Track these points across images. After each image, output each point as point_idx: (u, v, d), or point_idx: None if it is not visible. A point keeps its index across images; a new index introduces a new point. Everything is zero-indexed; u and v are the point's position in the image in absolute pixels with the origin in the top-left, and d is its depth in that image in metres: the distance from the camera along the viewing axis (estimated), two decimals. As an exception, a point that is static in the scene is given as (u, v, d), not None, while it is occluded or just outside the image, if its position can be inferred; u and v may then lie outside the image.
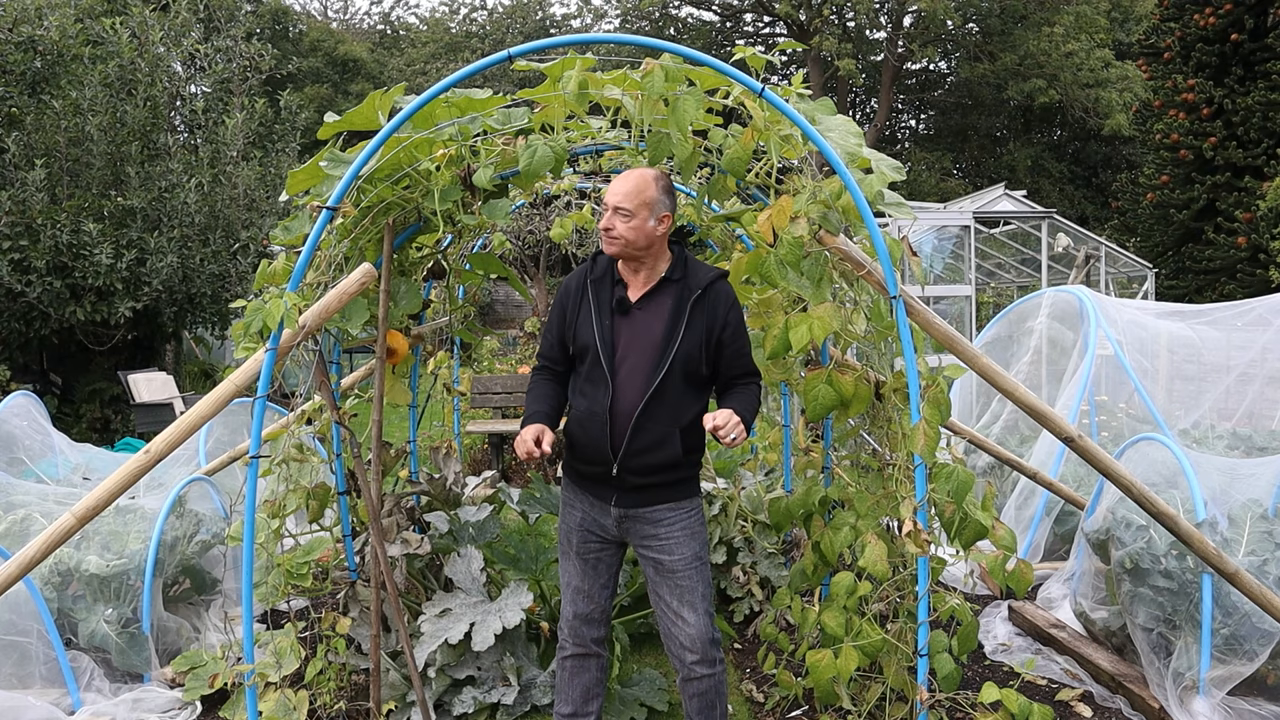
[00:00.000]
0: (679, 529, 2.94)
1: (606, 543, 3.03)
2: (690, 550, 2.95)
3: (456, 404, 7.66)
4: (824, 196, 2.89)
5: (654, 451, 2.85)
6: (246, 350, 3.08)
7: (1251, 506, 3.82)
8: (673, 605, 2.96)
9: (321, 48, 29.33)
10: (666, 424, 2.86)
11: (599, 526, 3.01)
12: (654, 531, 2.94)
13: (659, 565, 2.95)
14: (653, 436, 2.85)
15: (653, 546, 2.95)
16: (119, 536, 4.15)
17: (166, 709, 3.82)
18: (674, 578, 2.94)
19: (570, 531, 3.06)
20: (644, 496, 2.92)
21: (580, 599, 3.06)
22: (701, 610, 2.94)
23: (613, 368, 2.88)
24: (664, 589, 2.97)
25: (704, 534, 3.02)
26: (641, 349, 2.88)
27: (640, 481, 2.89)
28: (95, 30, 9.77)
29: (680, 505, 2.96)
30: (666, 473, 2.90)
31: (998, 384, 3.16)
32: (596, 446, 2.89)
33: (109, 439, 9.54)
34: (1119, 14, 27.15)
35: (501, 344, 15.01)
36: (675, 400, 2.87)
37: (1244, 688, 3.52)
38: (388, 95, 3.20)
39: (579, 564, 3.05)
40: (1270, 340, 6.35)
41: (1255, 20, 17.32)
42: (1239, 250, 17.00)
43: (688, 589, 2.94)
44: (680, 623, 2.95)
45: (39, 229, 8.71)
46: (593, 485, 2.99)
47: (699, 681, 2.96)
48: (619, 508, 2.94)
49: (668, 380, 2.85)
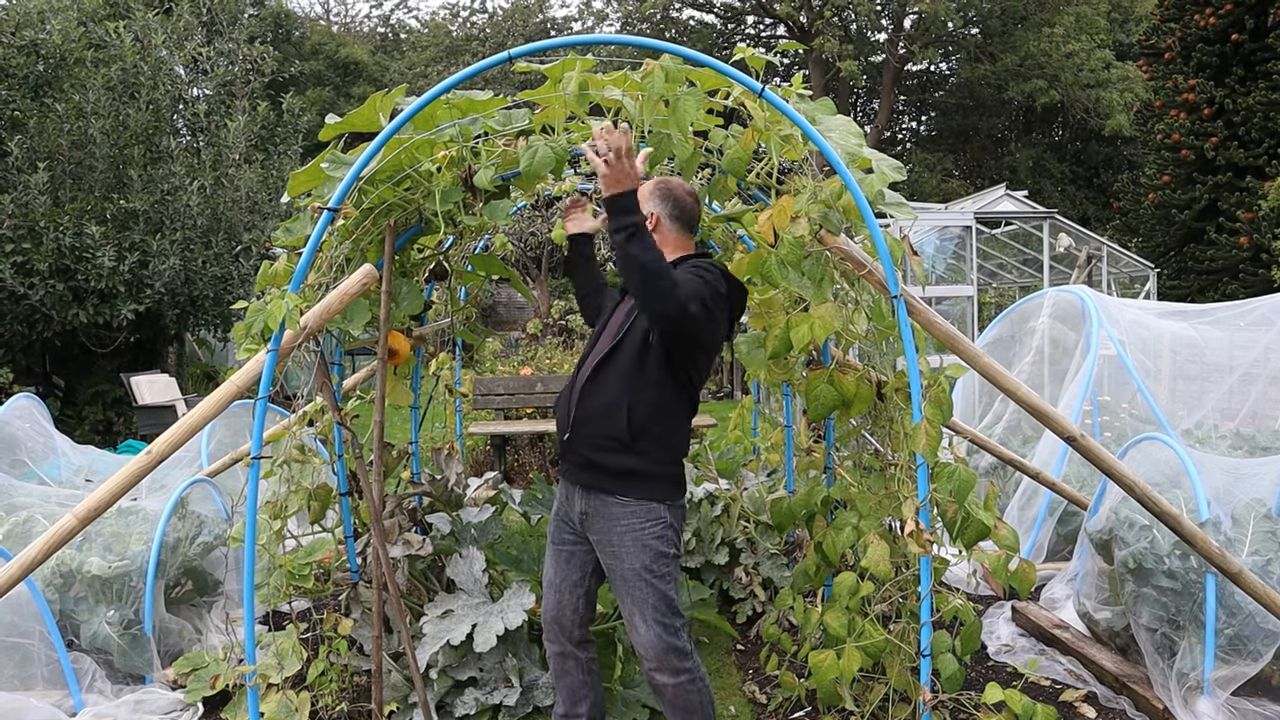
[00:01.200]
0: (629, 537, 2.88)
1: (579, 538, 3.05)
2: (638, 561, 2.87)
3: (459, 405, 7.66)
4: (825, 196, 2.88)
5: (601, 420, 2.88)
6: (248, 352, 3.08)
7: (1255, 506, 3.82)
8: (625, 610, 2.96)
9: (323, 51, 29.39)
10: (616, 393, 2.87)
11: (568, 516, 3.06)
12: (606, 533, 2.92)
13: (610, 569, 2.96)
14: (600, 402, 2.89)
15: (604, 548, 2.95)
16: (121, 538, 4.15)
17: (168, 710, 3.82)
18: (625, 585, 2.92)
19: (553, 520, 3.15)
20: (592, 477, 2.93)
21: (551, 593, 3.10)
22: (651, 620, 2.88)
23: (595, 342, 3.04)
24: (618, 593, 2.97)
25: (660, 548, 2.90)
26: (611, 326, 3.04)
27: (588, 455, 2.92)
28: (98, 34, 9.79)
29: (629, 505, 2.88)
30: (613, 453, 2.87)
31: (999, 383, 3.15)
32: (562, 410, 3.02)
33: (111, 441, 9.55)
34: (1119, 15, 27.14)
35: (504, 345, 15.02)
36: (629, 371, 2.88)
37: (1248, 688, 3.52)
38: (389, 97, 3.20)
39: (553, 555, 3.11)
40: (1273, 340, 6.34)
41: (1256, 20, 17.30)
42: (1241, 250, 16.98)
43: (638, 599, 2.89)
44: (633, 630, 2.94)
45: (42, 232, 8.73)
46: (562, 463, 3.09)
47: (661, 690, 2.95)
48: (580, 490, 2.98)
49: (620, 349, 2.91)
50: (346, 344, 3.74)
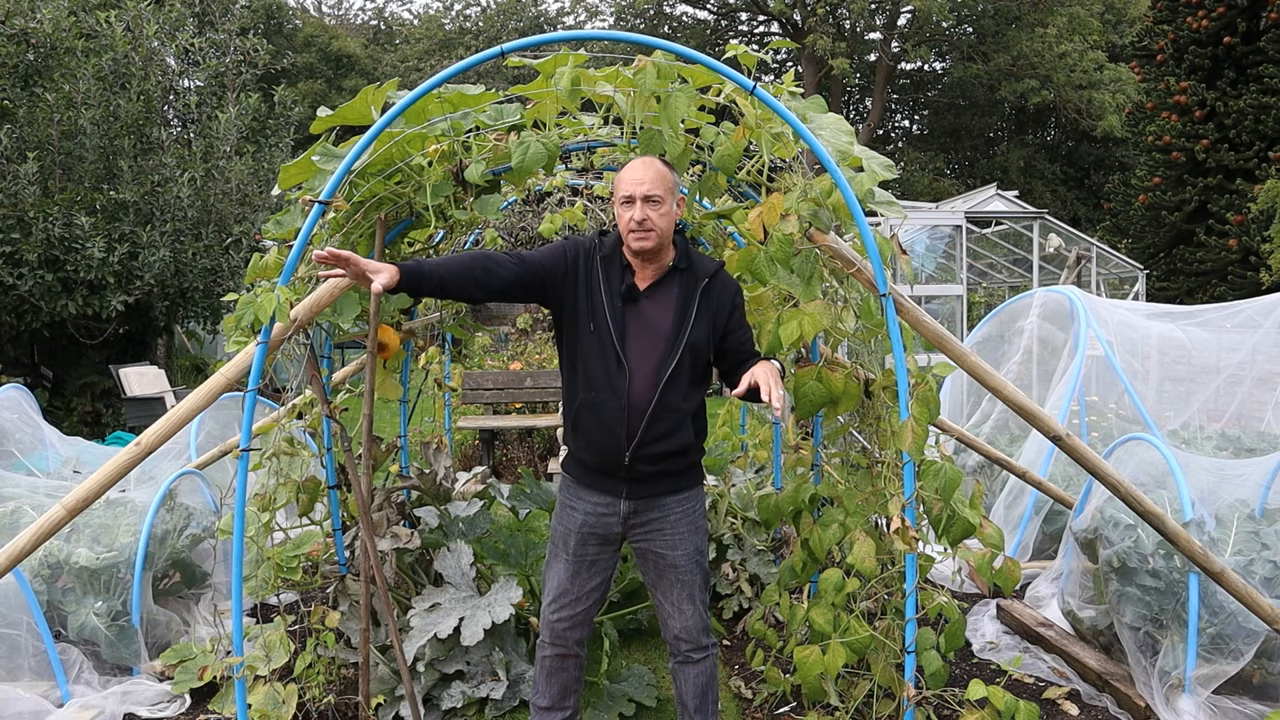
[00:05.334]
0: (684, 524, 2.97)
1: (606, 544, 2.99)
2: (693, 545, 2.99)
3: (448, 399, 7.68)
4: (815, 194, 2.89)
5: (668, 438, 2.85)
6: (238, 344, 3.08)
7: (1238, 507, 3.85)
8: (672, 598, 3.00)
9: (315, 43, 29.28)
10: (679, 411, 2.85)
11: (602, 526, 2.96)
12: (660, 526, 2.95)
13: (662, 559, 2.97)
14: (668, 424, 2.84)
15: (657, 541, 2.96)
16: (109, 529, 4.14)
17: (155, 702, 3.82)
18: (676, 573, 2.97)
19: (568, 534, 2.99)
20: (654, 486, 2.92)
21: (568, 602, 3.01)
22: (698, 600, 3.02)
23: (626, 353, 2.83)
24: (665, 582, 3.00)
25: (705, 526, 3.07)
26: (651, 338, 2.85)
27: (652, 470, 2.87)
28: (89, 23, 9.74)
29: (685, 495, 2.98)
30: (677, 459, 2.91)
31: (986, 382, 3.17)
32: (611, 433, 2.82)
33: (100, 433, 9.52)
34: (1112, 16, 27.17)
35: (493, 340, 15.01)
36: (686, 387, 2.87)
37: (1229, 686, 3.55)
38: (381, 90, 3.20)
39: (573, 566, 2.99)
40: (1259, 342, 6.38)
41: (1248, 23, 17.38)
42: (1230, 252, 17.08)
43: (689, 583, 2.99)
44: (679, 615, 3.00)
45: (31, 222, 8.68)
46: (600, 479, 2.94)
47: (692, 668, 3.05)
48: (629, 500, 2.92)
49: (680, 367, 2.84)
50: (336, 337, 3.75)
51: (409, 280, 2.66)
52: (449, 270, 2.74)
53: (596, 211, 5.77)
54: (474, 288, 2.77)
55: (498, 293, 2.82)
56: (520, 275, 2.83)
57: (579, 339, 2.88)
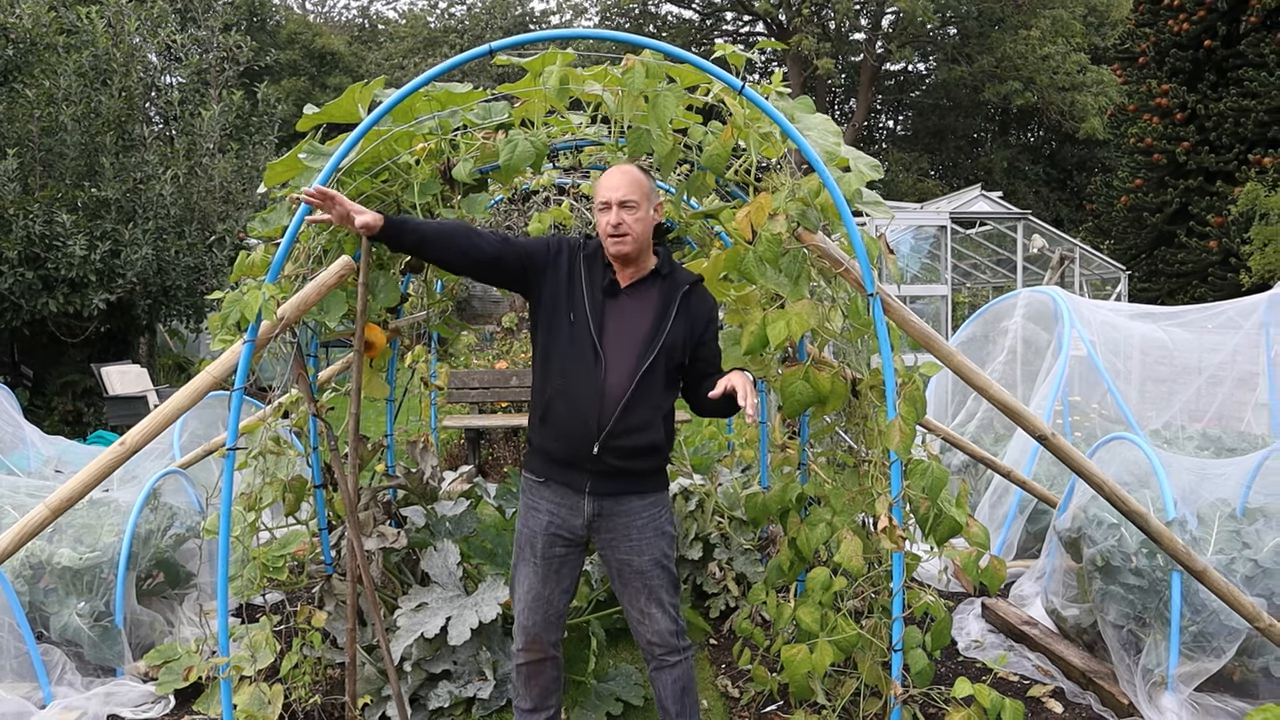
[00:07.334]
0: (650, 529, 2.95)
1: (572, 545, 2.99)
2: (659, 549, 2.97)
3: (434, 398, 7.66)
4: (803, 194, 2.90)
5: (640, 432, 2.85)
6: (224, 342, 3.07)
7: (1220, 506, 3.88)
8: (639, 604, 2.99)
9: (299, 40, 29.13)
10: (652, 408, 2.87)
11: (567, 528, 2.95)
12: (626, 533, 2.94)
13: (628, 566, 2.96)
14: (640, 417, 2.85)
15: (621, 548, 2.95)
16: (92, 529, 4.11)
17: (140, 703, 3.79)
18: (642, 578, 2.96)
19: (534, 536, 2.98)
20: (618, 483, 2.90)
21: (540, 605, 3.00)
22: (666, 604, 3.00)
23: (603, 345, 2.85)
24: (631, 589, 2.99)
25: (672, 530, 3.04)
26: (629, 333, 2.88)
27: (618, 464, 2.86)
28: (69, 19, 9.66)
29: (650, 500, 2.97)
30: (644, 458, 2.91)
31: (972, 381, 3.19)
32: (582, 421, 2.82)
33: (81, 432, 9.45)
34: (1095, 18, 27.33)
35: (479, 339, 14.97)
36: (659, 387, 2.89)
37: (1211, 684, 3.57)
38: (368, 88, 3.19)
39: (542, 569, 2.97)
40: (1240, 343, 6.44)
41: (1228, 27, 17.54)
42: (1211, 254, 17.23)
43: (654, 586, 2.97)
44: (649, 620, 2.99)
45: (11, 219, 8.60)
46: (565, 472, 2.92)
47: (668, 672, 3.03)
48: (593, 498, 2.91)
49: (655, 365, 2.86)
50: (322, 336, 3.73)
51: (391, 229, 2.79)
52: (433, 229, 2.85)
53: (583, 210, 5.77)
54: (454, 253, 2.86)
55: (477, 265, 2.88)
56: (503, 254, 2.90)
57: (556, 330, 2.90)
